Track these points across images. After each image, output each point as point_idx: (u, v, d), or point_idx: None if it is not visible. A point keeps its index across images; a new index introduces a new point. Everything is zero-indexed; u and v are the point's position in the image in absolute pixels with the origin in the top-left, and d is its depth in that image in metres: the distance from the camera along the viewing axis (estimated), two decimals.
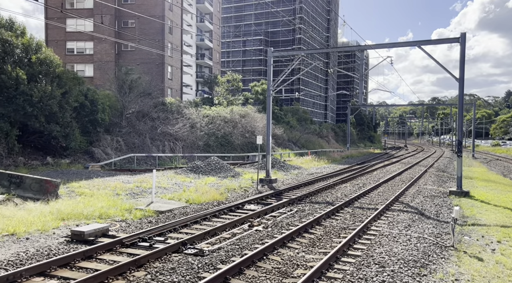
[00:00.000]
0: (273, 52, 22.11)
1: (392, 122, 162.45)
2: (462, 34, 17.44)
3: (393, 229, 10.84)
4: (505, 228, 11.22)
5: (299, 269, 7.57)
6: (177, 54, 47.59)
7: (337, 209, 13.29)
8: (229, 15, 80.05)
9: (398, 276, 7.19)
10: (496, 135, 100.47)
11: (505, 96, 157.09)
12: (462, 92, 17.88)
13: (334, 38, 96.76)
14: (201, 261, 7.82)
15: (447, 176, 25.43)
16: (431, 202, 15.41)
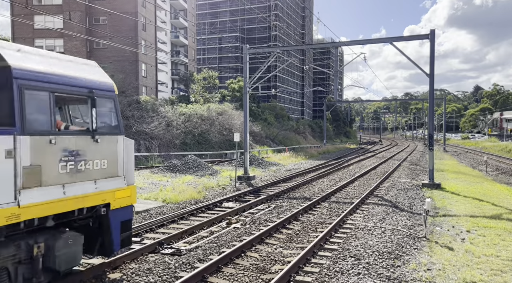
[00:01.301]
0: (249, 49, 22.09)
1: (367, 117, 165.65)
2: (432, 31, 17.93)
3: (368, 222, 11.07)
4: (474, 218, 11.66)
5: (277, 265, 7.62)
6: (151, 52, 46.84)
7: (314, 204, 13.45)
8: (204, 11, 79.35)
9: (373, 268, 7.36)
10: (466, 129, 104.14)
11: (474, 91, 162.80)
12: (432, 87, 18.40)
13: (309, 35, 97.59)
14: (178, 260, 7.75)
15: (420, 169, 26.17)
16: (404, 194, 15.82)
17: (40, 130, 5.42)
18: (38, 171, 5.34)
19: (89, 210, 6.29)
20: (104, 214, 6.51)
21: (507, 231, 10.13)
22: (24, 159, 5.16)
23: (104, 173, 6.42)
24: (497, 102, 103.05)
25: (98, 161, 6.31)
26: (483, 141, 66.36)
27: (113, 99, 6.72)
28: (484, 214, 12.16)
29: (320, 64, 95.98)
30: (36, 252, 5.48)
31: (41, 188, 5.38)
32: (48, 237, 5.72)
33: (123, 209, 6.85)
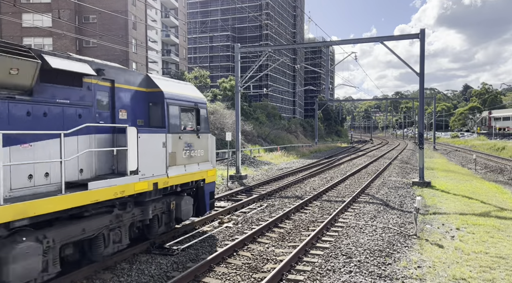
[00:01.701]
0: (240, 48, 22.06)
1: (358, 116, 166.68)
2: (422, 30, 18.09)
3: (360, 220, 11.15)
4: (463, 215, 11.81)
5: (269, 264, 7.64)
6: (142, 50, 46.52)
7: (306, 203, 13.50)
8: (195, 10, 79.01)
9: (364, 266, 7.41)
10: (455, 127, 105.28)
11: (463, 90, 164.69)
12: (422, 86, 18.57)
13: (300, 34, 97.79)
14: (170, 260, 7.72)
15: (410, 168, 26.42)
16: (395, 193, 15.96)
17: (175, 130, 8.64)
18: (174, 156, 8.57)
19: (194, 183, 9.47)
20: (201, 186, 9.83)
21: (495, 228, 10.28)
22: (169, 148, 8.37)
23: (202, 158, 9.74)
24: (486, 101, 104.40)
25: (199, 151, 9.64)
26: (472, 140, 67.25)
27: (205, 109, 9.92)
28: (473, 212, 12.32)
29: (311, 63, 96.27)
30: (172, 206, 8.83)
31: (175, 166, 8.61)
32: (177, 198, 9.04)
33: (210, 184, 10.23)
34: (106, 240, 6.98)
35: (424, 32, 18.05)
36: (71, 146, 6.60)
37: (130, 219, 7.57)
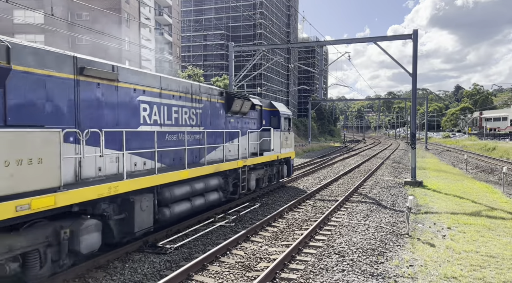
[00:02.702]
0: (234, 47, 22.03)
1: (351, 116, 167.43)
2: (414, 31, 18.22)
3: (352, 219, 11.21)
4: (454, 215, 11.93)
5: (262, 262, 7.65)
6: (135, 48, 46.23)
7: (299, 202, 13.54)
8: (189, 8, 78.72)
9: (357, 265, 7.46)
10: (447, 128, 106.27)
11: (454, 90, 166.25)
12: (415, 86, 18.71)
13: (294, 34, 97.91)
14: (163, 259, 7.70)
15: (402, 167, 26.62)
16: (387, 192, 16.08)
17: (282, 130, 16.41)
18: (282, 143, 16.29)
19: (285, 159, 16.90)
20: (289, 160, 17.60)
21: (486, 227, 10.41)
22: (282, 137, 16.29)
23: (289, 145, 17.45)
24: (477, 101, 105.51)
25: (289, 141, 17.33)
26: (464, 140, 67.93)
27: (290, 118, 17.57)
28: (464, 211, 12.46)
29: (305, 63, 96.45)
30: (280, 168, 16.80)
31: (282, 148, 16.35)
32: (279, 165, 16.58)
33: (292, 160, 18.07)
34: (263, 180, 14.97)
35: (417, 33, 18.19)
36: (252, 137, 14.48)
37: (269, 171, 15.63)
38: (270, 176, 15.70)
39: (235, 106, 12.86)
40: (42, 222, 6.13)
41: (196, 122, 11.03)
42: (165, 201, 8.97)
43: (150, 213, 8.30)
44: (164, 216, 8.88)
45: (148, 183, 8.06)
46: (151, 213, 8.33)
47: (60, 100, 6.78)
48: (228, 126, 12.92)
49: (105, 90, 7.79)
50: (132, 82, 8.59)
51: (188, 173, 9.55)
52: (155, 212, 8.62)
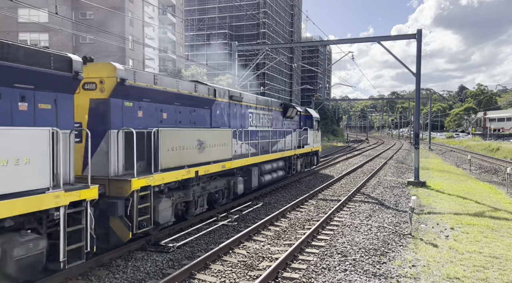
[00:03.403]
0: (237, 46, 22.04)
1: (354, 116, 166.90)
2: (419, 30, 18.14)
3: (355, 219, 11.20)
4: (458, 215, 11.89)
5: (265, 262, 7.66)
6: (139, 47, 46.33)
7: (302, 202, 13.53)
8: (193, 8, 78.79)
9: (359, 265, 7.45)
10: (450, 128, 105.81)
11: (458, 91, 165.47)
12: (419, 86, 18.65)
13: (298, 33, 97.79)
14: (165, 257, 7.73)
15: (406, 167, 26.54)
16: (390, 192, 16.04)
17: (313, 129, 21.76)
18: (314, 139, 21.76)
19: (315, 151, 22.38)
20: (317, 152, 23.04)
21: (489, 228, 10.37)
22: (314, 135, 21.77)
23: (318, 141, 22.91)
24: (481, 102, 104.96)
25: (317, 138, 22.95)
26: (467, 140, 67.62)
27: (318, 120, 23.17)
28: (467, 212, 12.41)
29: (308, 62, 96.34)
30: (310, 159, 21.86)
31: (314, 143, 21.93)
32: (312, 156, 22.13)
33: (319, 152, 23.50)
34: (302, 166, 20.43)
35: (421, 33, 18.11)
36: (294, 136, 18.87)
37: (306, 159, 20.97)
38: (306, 163, 21.49)
39: (288, 113, 18.47)
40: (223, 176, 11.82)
41: (269, 124, 16.73)
42: (261, 172, 14.76)
43: (256, 178, 14.17)
44: (261, 181, 14.68)
45: (257, 160, 14.21)
46: (257, 178, 14.19)
47: (224, 114, 12.51)
48: (284, 127, 18.49)
49: (238, 107, 13.57)
50: (245, 101, 14.05)
51: (271, 156, 15.66)
52: (258, 178, 14.38)
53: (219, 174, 11.57)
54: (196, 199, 10.20)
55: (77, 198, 6.00)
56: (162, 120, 9.31)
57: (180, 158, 9.12)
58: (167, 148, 8.59)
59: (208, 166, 10.29)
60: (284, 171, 17.58)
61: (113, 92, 7.68)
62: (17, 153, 5.14)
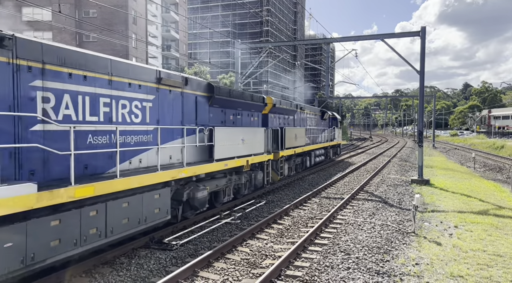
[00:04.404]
0: (240, 44, 22.00)
1: (358, 114, 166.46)
2: (422, 28, 18.04)
3: (358, 217, 11.18)
4: (462, 213, 11.84)
5: (268, 259, 7.66)
6: (142, 46, 46.39)
7: (305, 200, 13.52)
8: (196, 6, 78.74)
9: (362, 263, 7.44)
10: (455, 126, 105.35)
11: (463, 88, 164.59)
12: (423, 84, 18.56)
13: (301, 31, 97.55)
14: (169, 255, 7.75)
15: (409, 166, 26.45)
16: (394, 190, 16.00)
17: (337, 127, 29.93)
18: (338, 135, 30.32)
19: (338, 144, 30.29)
20: (340, 145, 30.84)
21: (493, 226, 10.32)
22: (338, 132, 30.15)
23: (340, 136, 30.97)
24: (486, 99, 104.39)
25: (339, 133, 30.75)
26: (472, 138, 67.28)
27: (340, 121, 32.42)
28: (471, 210, 12.36)
29: (311, 60, 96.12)
30: (336, 150, 29.81)
31: (338, 138, 30.28)
32: (337, 147, 30.11)
33: (340, 145, 31.47)
34: (333, 153, 28.55)
35: (425, 30, 18.01)
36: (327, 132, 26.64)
37: (334, 149, 28.87)
38: (334, 152, 29.09)
39: (324, 116, 26.56)
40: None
41: (315, 124, 24.17)
42: (314, 155, 22.12)
43: (313, 158, 21.64)
44: (313, 161, 21.72)
45: (312, 148, 21.34)
46: (307, 161, 20.86)
47: (299, 118, 20.99)
48: (321, 126, 25.55)
49: (303, 114, 21.19)
50: (305, 110, 21.51)
51: (318, 145, 23.05)
52: (310, 161, 21.29)
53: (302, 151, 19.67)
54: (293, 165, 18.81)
55: (271, 157, 14.92)
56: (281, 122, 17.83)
57: (293, 143, 17.66)
58: (288, 137, 16.85)
59: (302, 148, 19.30)
60: (324, 157, 25.18)
61: (270, 110, 16.25)
62: (259, 137, 13.67)
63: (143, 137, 8.38)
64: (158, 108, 8.95)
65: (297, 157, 19.03)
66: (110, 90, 7.60)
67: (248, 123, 13.91)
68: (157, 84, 8.92)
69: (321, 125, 25.54)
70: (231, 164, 11.38)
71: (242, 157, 12.11)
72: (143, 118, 8.45)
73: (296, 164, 19.25)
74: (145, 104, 8.53)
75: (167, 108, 9.31)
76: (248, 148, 12.53)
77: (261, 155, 13.73)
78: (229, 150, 11.26)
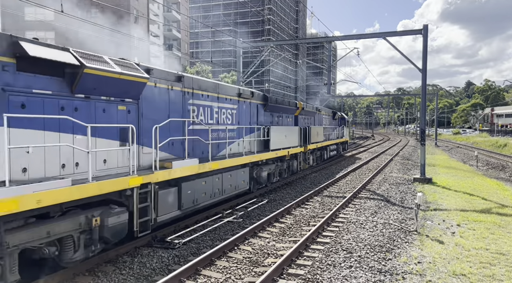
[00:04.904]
0: (242, 43, 21.99)
1: (360, 112, 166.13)
2: (425, 26, 17.97)
3: (360, 216, 11.18)
4: (464, 212, 11.82)
5: (270, 258, 7.68)
6: (144, 44, 46.39)
7: (307, 198, 13.53)
8: (197, 4, 78.69)
9: (364, 261, 7.44)
10: (457, 124, 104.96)
11: (465, 86, 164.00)
12: (425, 82, 18.50)
13: (303, 30, 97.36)
14: (171, 253, 7.77)
15: (412, 164, 26.40)
16: (396, 189, 15.98)
17: (346, 126, 34.72)
18: (346, 133, 34.84)
19: (346, 141, 33.88)
20: (346, 142, 34.47)
21: (496, 225, 10.30)
22: (347, 130, 35.17)
23: (347, 134, 35.22)
24: (488, 97, 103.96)
25: (347, 132, 36.53)
26: (474, 136, 67.07)
27: (348, 120, 38.91)
28: (474, 208, 12.34)
29: (313, 59, 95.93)
30: (344, 145, 33.46)
31: (346, 136, 34.64)
32: (345, 143, 33.80)
33: (348, 142, 37.22)
34: (342, 148, 32.27)
35: (427, 28, 17.94)
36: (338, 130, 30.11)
37: (343, 145, 32.58)
38: (343, 148, 32.45)
39: (335, 116, 29.91)
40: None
41: (328, 124, 27.16)
42: (328, 151, 25.82)
43: (328, 153, 25.71)
44: (327, 156, 25.42)
45: (327, 143, 25.13)
46: (328, 153, 25.73)
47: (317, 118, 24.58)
48: (333, 125, 28.79)
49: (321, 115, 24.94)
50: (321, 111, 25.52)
51: (331, 142, 26.34)
52: (326, 154, 25.27)
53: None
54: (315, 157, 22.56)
55: (302, 150, 18.79)
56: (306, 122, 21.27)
57: (316, 139, 20.94)
58: (313, 134, 20.22)
59: (321, 143, 22.90)
60: (336, 151, 29.27)
61: (300, 112, 19.71)
62: (295, 134, 17.63)
63: (233, 133, 12.51)
64: (239, 114, 13.03)
65: (318, 151, 23.08)
66: (218, 103, 11.65)
67: (286, 123, 18.01)
68: (238, 98, 12.96)
69: (333, 124, 29.05)
70: (279, 153, 15.51)
71: (285, 149, 16.18)
72: (232, 121, 12.51)
73: (317, 156, 23.04)
74: (233, 111, 12.59)
75: (243, 113, 13.41)
76: (288, 142, 16.57)
77: (296, 148, 17.78)
78: (278, 143, 15.29)
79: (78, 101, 6.69)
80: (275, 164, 15.56)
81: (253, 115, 14.26)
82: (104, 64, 6.96)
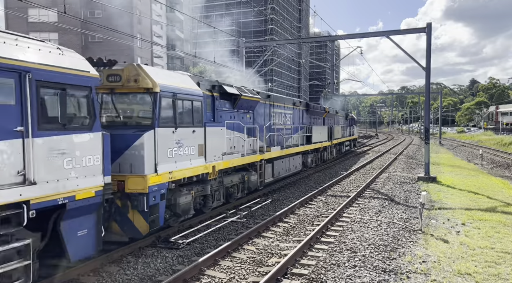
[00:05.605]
0: (245, 43, 21.99)
1: (363, 111, 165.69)
2: (428, 24, 17.90)
3: (364, 215, 11.14)
4: (469, 210, 11.75)
5: (274, 258, 7.67)
6: (147, 45, 46.53)
7: (311, 198, 13.50)
8: (200, 4, 78.72)
9: (369, 261, 7.42)
10: (461, 122, 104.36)
11: (470, 85, 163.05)
12: (428, 81, 18.42)
13: (305, 29, 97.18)
14: (175, 254, 7.79)
15: (416, 163, 26.30)
16: (400, 188, 15.92)
17: (355, 125, 41.22)
18: (355, 131, 41.68)
19: (355, 138, 39.23)
20: (356, 139, 40.37)
21: (501, 223, 10.23)
22: (356, 128, 41.47)
23: (356, 132, 40.84)
24: (493, 95, 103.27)
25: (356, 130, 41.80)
26: (479, 135, 66.67)
27: (356, 120, 44.65)
28: (479, 207, 12.27)
29: (316, 58, 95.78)
30: (354, 143, 38.67)
31: (356, 134, 40.83)
32: (354, 141, 38.18)
33: (357, 139, 42.74)
34: (352, 145, 36.69)
35: (431, 26, 17.87)
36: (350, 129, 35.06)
37: (353, 141, 37.44)
38: (354, 144, 35.53)
39: (347, 117, 32.72)
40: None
41: (342, 123, 30.69)
42: (344, 147, 30.83)
43: (344, 147, 30.87)
44: (343, 151, 30.55)
45: (343, 140, 30.45)
46: (344, 147, 30.90)
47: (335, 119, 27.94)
48: (346, 124, 32.05)
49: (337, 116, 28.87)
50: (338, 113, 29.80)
51: (346, 138, 31.91)
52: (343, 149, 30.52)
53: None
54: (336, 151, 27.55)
55: (329, 144, 24.93)
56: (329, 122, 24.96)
57: (337, 136, 26.60)
58: (335, 132, 25.58)
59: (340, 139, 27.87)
60: (349, 147, 33.26)
61: (326, 115, 24.49)
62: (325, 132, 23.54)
63: (290, 131, 17.25)
64: (293, 117, 17.87)
65: (338, 145, 28.08)
66: (284, 110, 16.67)
67: (317, 123, 22.29)
68: (293, 106, 17.96)
69: (346, 123, 33.01)
70: (317, 146, 21.23)
71: (320, 142, 21.71)
72: (290, 122, 17.46)
73: (337, 150, 28.21)
74: (290, 115, 17.49)
75: (295, 116, 18.29)
76: (321, 137, 22.13)
77: (326, 142, 23.10)
78: (316, 138, 20.71)
79: (235, 113, 11.86)
80: (313, 153, 21.19)
81: (300, 117, 19.21)
82: (245, 93, 12.20)
